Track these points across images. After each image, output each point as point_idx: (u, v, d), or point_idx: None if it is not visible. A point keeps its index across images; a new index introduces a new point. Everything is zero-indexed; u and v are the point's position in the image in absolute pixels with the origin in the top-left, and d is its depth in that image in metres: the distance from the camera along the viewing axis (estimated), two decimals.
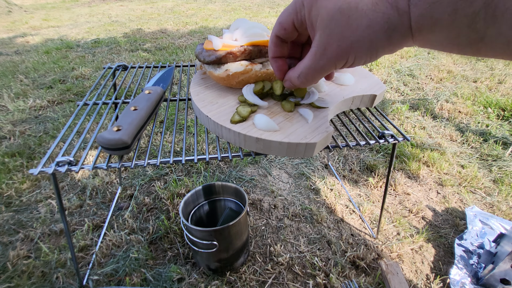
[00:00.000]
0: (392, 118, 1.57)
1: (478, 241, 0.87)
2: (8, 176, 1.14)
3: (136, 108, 0.56)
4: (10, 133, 1.41)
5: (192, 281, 0.78)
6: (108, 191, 1.09)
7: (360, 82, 0.68)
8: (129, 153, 0.52)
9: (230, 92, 0.62)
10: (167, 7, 4.79)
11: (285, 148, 0.48)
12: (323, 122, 0.52)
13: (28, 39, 3.07)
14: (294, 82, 0.42)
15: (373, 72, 2.11)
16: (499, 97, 1.70)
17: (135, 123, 0.53)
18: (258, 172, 1.20)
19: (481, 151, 1.30)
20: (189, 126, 1.47)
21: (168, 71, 0.76)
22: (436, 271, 0.83)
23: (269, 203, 1.05)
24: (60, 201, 0.60)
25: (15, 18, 4.20)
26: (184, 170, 1.20)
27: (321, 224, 0.96)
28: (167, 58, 2.37)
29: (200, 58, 0.61)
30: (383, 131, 0.61)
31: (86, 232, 0.93)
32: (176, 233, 0.91)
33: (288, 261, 0.84)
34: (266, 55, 0.61)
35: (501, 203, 1.03)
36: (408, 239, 0.91)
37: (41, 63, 2.31)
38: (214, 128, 0.55)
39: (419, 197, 1.08)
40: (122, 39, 2.92)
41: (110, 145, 0.49)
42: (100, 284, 0.78)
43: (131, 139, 0.50)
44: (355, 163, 1.23)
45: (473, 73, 2.07)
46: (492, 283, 0.73)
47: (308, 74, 0.39)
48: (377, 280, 0.79)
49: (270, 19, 3.74)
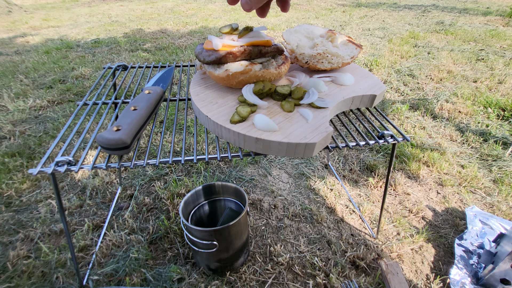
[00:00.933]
0: (392, 118, 1.57)
1: (478, 241, 0.87)
2: (8, 176, 1.14)
3: (135, 108, 0.56)
4: (10, 133, 1.41)
5: (192, 281, 0.78)
6: (108, 191, 1.09)
7: (360, 82, 0.68)
8: (128, 153, 0.52)
9: (230, 92, 0.62)
10: (167, 7, 4.79)
11: (285, 148, 0.48)
12: (323, 122, 0.52)
13: (28, 39, 3.07)
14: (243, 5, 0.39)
15: (373, 72, 2.11)
16: (499, 97, 1.70)
17: (135, 123, 0.53)
18: (258, 172, 1.20)
19: (481, 151, 1.30)
20: (189, 126, 1.47)
21: (168, 71, 0.76)
22: (436, 271, 0.83)
23: (269, 203, 1.05)
24: (60, 201, 0.60)
25: (15, 18, 4.20)
26: (184, 170, 1.20)
27: (321, 224, 0.96)
28: (167, 58, 2.37)
29: (200, 58, 0.61)
30: (382, 131, 0.61)
31: (86, 232, 0.93)
32: (176, 233, 0.91)
33: (288, 261, 0.84)
34: (266, 55, 0.61)
35: (501, 203, 1.03)
36: (408, 239, 0.91)
37: (41, 63, 2.31)
38: (213, 128, 0.55)
39: (419, 197, 1.08)
40: (122, 39, 2.92)
41: (109, 145, 0.49)
42: (100, 284, 0.78)
43: (130, 139, 0.50)
44: (355, 163, 1.23)
45: (473, 73, 2.07)
46: (492, 283, 0.73)
47: None
48: (377, 280, 0.79)
49: (270, 19, 3.74)
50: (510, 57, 2.31)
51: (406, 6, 4.55)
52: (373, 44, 2.71)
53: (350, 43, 0.73)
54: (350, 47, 0.73)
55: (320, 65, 0.69)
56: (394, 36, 2.94)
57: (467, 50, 2.49)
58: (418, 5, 4.59)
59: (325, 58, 0.69)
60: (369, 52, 2.50)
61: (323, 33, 0.75)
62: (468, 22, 3.47)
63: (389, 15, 3.95)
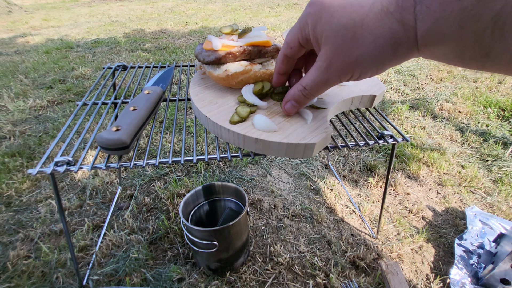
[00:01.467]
0: (392, 118, 1.57)
1: (478, 241, 0.87)
2: (8, 176, 1.14)
3: (135, 108, 0.56)
4: (10, 133, 1.41)
5: (192, 281, 0.78)
6: (108, 191, 1.09)
7: (360, 82, 0.67)
8: (128, 153, 0.52)
9: (230, 93, 0.62)
10: (167, 7, 4.79)
11: (284, 149, 0.48)
12: (323, 123, 0.52)
13: (28, 39, 3.07)
14: (296, 95, 0.45)
15: None
16: (499, 97, 1.69)
17: (134, 123, 0.53)
18: (258, 172, 1.20)
19: (481, 151, 1.30)
20: (189, 126, 1.47)
21: (167, 71, 0.76)
22: (436, 271, 0.83)
23: (269, 203, 1.05)
24: (59, 201, 0.60)
25: (15, 18, 4.20)
26: (184, 170, 1.20)
27: (321, 224, 0.96)
28: (167, 58, 2.37)
29: (200, 58, 0.61)
30: (382, 131, 0.61)
31: (86, 232, 0.93)
32: (176, 233, 0.91)
33: (288, 261, 0.84)
34: (265, 55, 0.61)
35: (501, 203, 1.03)
36: (408, 239, 0.91)
37: (41, 63, 2.31)
38: (213, 128, 0.55)
39: (419, 197, 1.08)
40: (122, 39, 2.92)
41: (109, 145, 0.49)
42: (100, 284, 0.79)
43: (130, 139, 0.50)
44: (355, 163, 1.23)
45: (473, 73, 2.06)
46: (492, 283, 0.73)
47: (313, 87, 0.40)
48: (377, 280, 0.79)
49: (270, 19, 3.74)
50: None
51: None
52: None
53: None
54: None
55: None
56: None
57: None
58: None
59: None
60: None
61: None
62: None
63: None
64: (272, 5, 4.73)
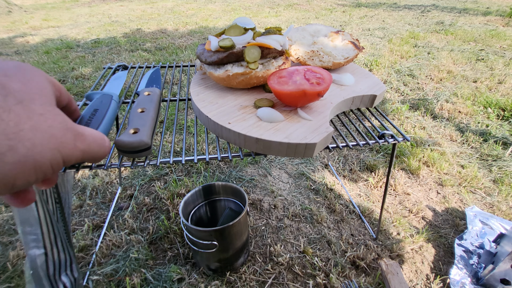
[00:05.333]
0: (392, 118, 1.57)
1: (478, 241, 0.87)
2: None
3: (143, 110, 0.56)
4: None
5: (192, 281, 0.78)
6: (108, 191, 1.09)
7: (360, 82, 0.68)
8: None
9: (230, 93, 0.62)
10: (167, 7, 4.79)
11: (285, 149, 0.48)
12: (323, 123, 0.52)
13: (28, 39, 3.07)
14: None
15: (373, 72, 2.11)
16: (499, 97, 1.70)
17: (149, 124, 0.53)
18: (258, 172, 1.20)
19: (481, 151, 1.30)
20: (189, 126, 1.47)
21: (155, 72, 0.76)
22: (436, 271, 0.83)
23: (269, 203, 1.05)
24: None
25: (15, 18, 4.20)
26: (184, 170, 1.20)
27: (321, 224, 0.96)
28: (167, 58, 2.37)
29: (202, 58, 0.61)
30: (383, 131, 0.61)
31: (86, 232, 0.93)
32: (176, 233, 0.91)
33: (288, 261, 0.84)
34: (267, 56, 0.61)
35: (501, 203, 1.03)
36: (408, 239, 0.91)
37: (41, 63, 2.31)
38: (214, 128, 0.55)
39: (419, 197, 1.08)
40: (122, 39, 2.92)
41: (131, 147, 0.47)
42: (100, 284, 0.78)
43: (150, 139, 0.50)
44: (355, 163, 1.23)
45: (473, 73, 2.07)
46: (492, 283, 0.73)
47: None
48: (377, 280, 0.79)
49: (270, 19, 3.74)
50: (510, 57, 2.31)
51: (406, 6, 4.55)
52: (373, 44, 2.71)
53: (350, 44, 0.73)
54: (348, 48, 0.73)
55: (310, 62, 0.69)
56: (394, 36, 2.94)
57: (467, 50, 2.49)
58: (418, 5, 4.59)
59: (316, 55, 0.69)
60: (369, 52, 2.50)
61: (327, 33, 0.76)
62: (468, 22, 3.47)
63: (389, 15, 3.95)
64: (272, 5, 4.73)
